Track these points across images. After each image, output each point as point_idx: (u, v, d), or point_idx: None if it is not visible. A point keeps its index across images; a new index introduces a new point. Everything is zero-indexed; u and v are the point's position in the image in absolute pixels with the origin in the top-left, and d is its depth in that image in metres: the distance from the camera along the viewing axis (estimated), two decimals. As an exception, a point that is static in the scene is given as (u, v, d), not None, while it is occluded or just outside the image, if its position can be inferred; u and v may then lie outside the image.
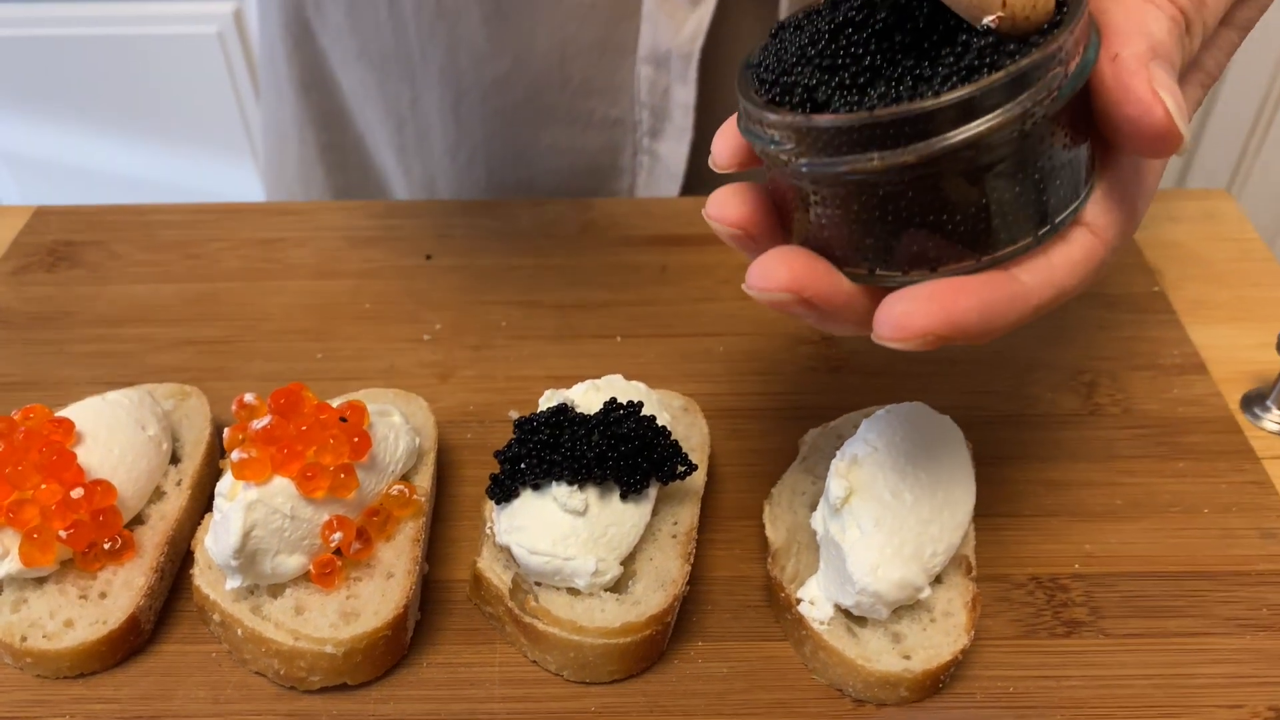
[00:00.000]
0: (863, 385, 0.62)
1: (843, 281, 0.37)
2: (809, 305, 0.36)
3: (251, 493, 0.46)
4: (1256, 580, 0.51)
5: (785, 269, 0.36)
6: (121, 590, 0.48)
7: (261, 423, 0.48)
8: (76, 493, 0.48)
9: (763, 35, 0.40)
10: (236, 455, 0.47)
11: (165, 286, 0.69)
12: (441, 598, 0.51)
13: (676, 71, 0.72)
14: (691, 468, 0.49)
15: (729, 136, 0.40)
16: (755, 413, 0.60)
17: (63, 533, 0.47)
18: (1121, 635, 0.49)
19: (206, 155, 1.53)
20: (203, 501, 0.54)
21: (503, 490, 0.48)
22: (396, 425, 0.52)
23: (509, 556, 0.48)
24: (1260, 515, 0.54)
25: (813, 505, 0.51)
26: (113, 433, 0.51)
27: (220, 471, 0.52)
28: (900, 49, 0.35)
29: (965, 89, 0.32)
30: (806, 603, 0.47)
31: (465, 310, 0.67)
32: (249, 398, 0.53)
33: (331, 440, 0.48)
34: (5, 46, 1.43)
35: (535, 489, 0.48)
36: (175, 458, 0.55)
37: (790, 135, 0.35)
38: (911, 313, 0.34)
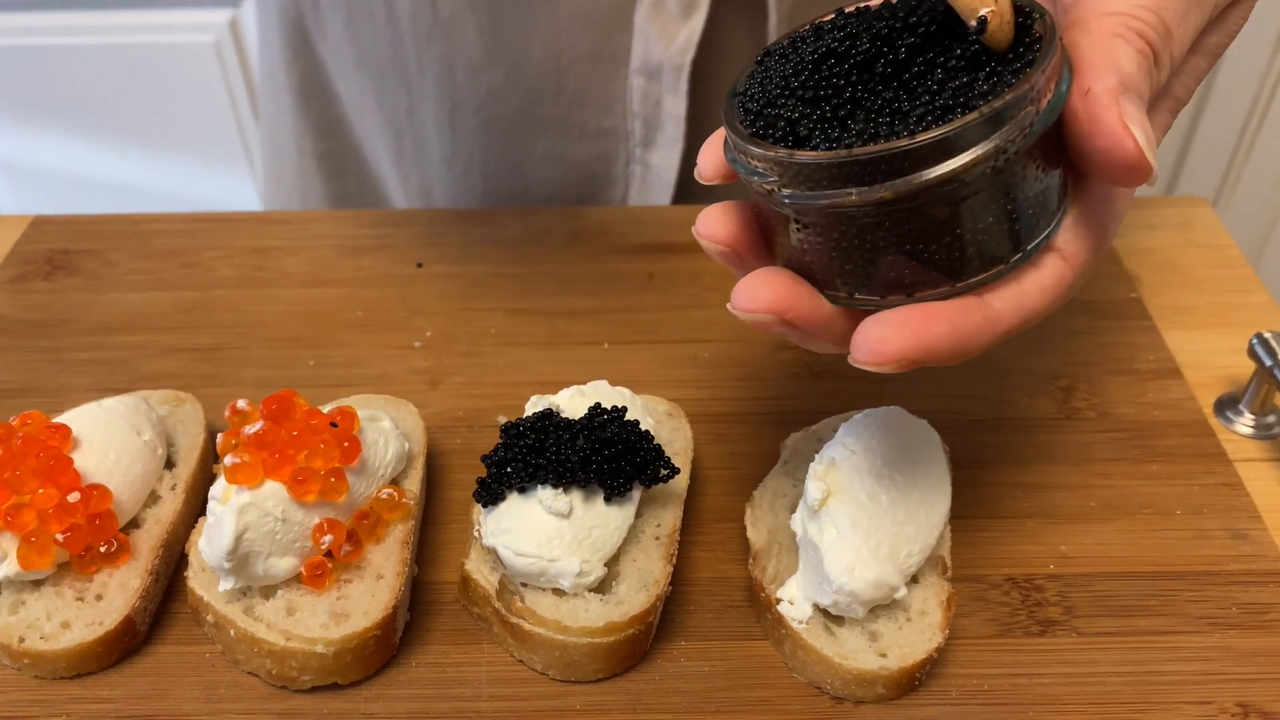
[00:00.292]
0: (844, 390, 0.63)
1: (823, 304, 0.38)
2: (790, 326, 0.38)
3: (244, 496, 0.47)
4: (1226, 580, 0.52)
5: (768, 291, 0.38)
6: (117, 592, 0.49)
7: (254, 428, 0.49)
8: (73, 497, 0.49)
9: (752, 49, 0.41)
10: (229, 460, 0.48)
11: (160, 295, 0.70)
12: (431, 599, 0.52)
13: (668, 83, 0.73)
14: (674, 471, 0.50)
15: (715, 150, 0.41)
16: (739, 417, 0.61)
17: (60, 536, 0.48)
18: (1094, 634, 0.50)
19: (202, 164, 1.54)
20: (197, 505, 0.55)
21: (489, 493, 0.49)
22: (386, 430, 0.53)
23: (496, 558, 0.49)
24: (1231, 516, 0.55)
25: (793, 507, 0.52)
26: (109, 438, 0.52)
27: (214, 476, 0.53)
28: (881, 80, 0.36)
29: (941, 129, 0.33)
30: (786, 602, 0.48)
31: (455, 318, 0.68)
32: (241, 404, 0.54)
33: (322, 445, 0.49)
34: (2, 56, 1.43)
35: (521, 492, 0.49)
36: (170, 463, 0.56)
37: (773, 168, 0.36)
38: (886, 338, 0.35)
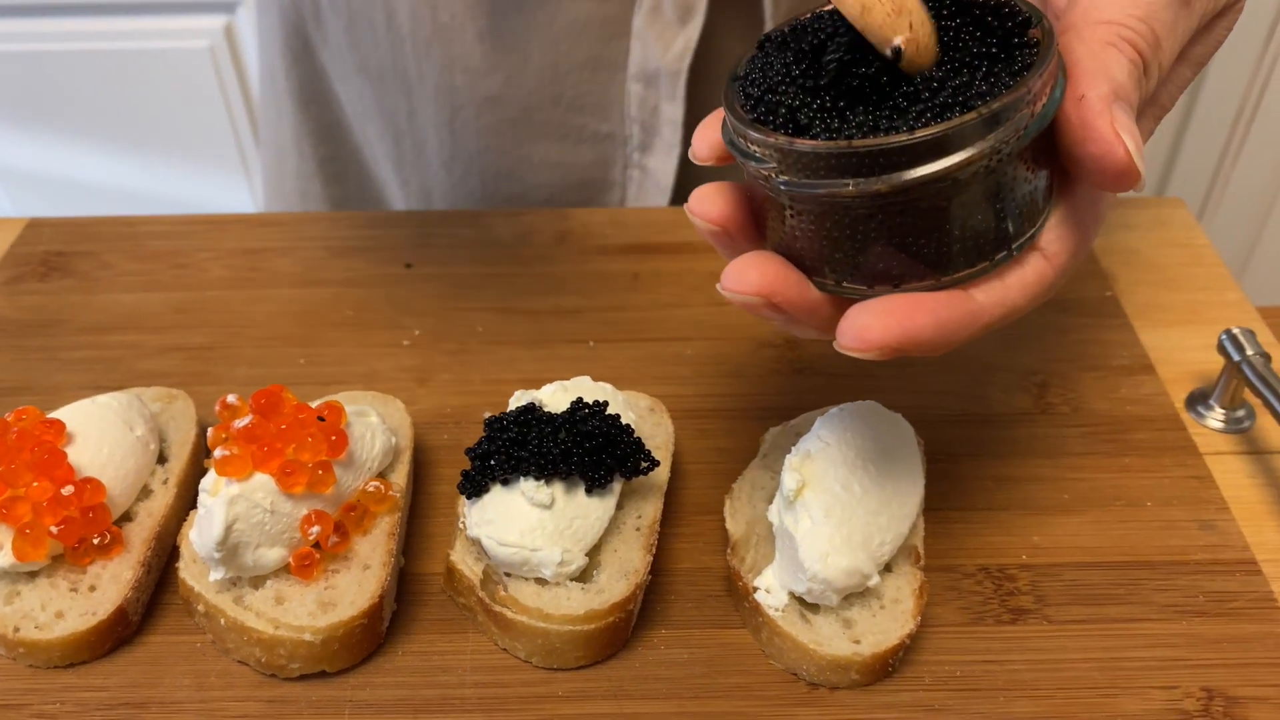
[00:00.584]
0: (824, 386, 0.64)
1: (811, 290, 0.39)
2: (777, 309, 0.39)
3: (233, 488, 0.48)
4: (1194, 569, 0.53)
5: (758, 274, 0.38)
6: (110, 583, 0.50)
7: (243, 422, 0.50)
8: (67, 490, 0.50)
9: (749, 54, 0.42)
10: (219, 453, 0.49)
11: (154, 295, 0.71)
12: (417, 590, 0.53)
13: (665, 89, 0.74)
14: (654, 463, 0.51)
15: (711, 131, 0.41)
16: (720, 413, 0.63)
17: (54, 528, 0.49)
18: (1064, 621, 0.51)
19: (197, 168, 1.55)
20: (188, 499, 0.56)
21: (473, 485, 0.50)
22: (373, 425, 0.54)
23: (480, 549, 0.50)
24: (1199, 508, 0.56)
25: (771, 499, 0.53)
26: (102, 433, 0.53)
27: (205, 471, 0.54)
28: (881, 71, 0.36)
29: (940, 127, 0.34)
30: (763, 591, 0.49)
31: (443, 317, 0.69)
32: (231, 399, 0.55)
33: (310, 438, 0.50)
34: (0, 62, 1.45)
35: (504, 484, 0.50)
36: (162, 457, 0.57)
37: (771, 154, 0.37)
38: (871, 326, 0.36)
